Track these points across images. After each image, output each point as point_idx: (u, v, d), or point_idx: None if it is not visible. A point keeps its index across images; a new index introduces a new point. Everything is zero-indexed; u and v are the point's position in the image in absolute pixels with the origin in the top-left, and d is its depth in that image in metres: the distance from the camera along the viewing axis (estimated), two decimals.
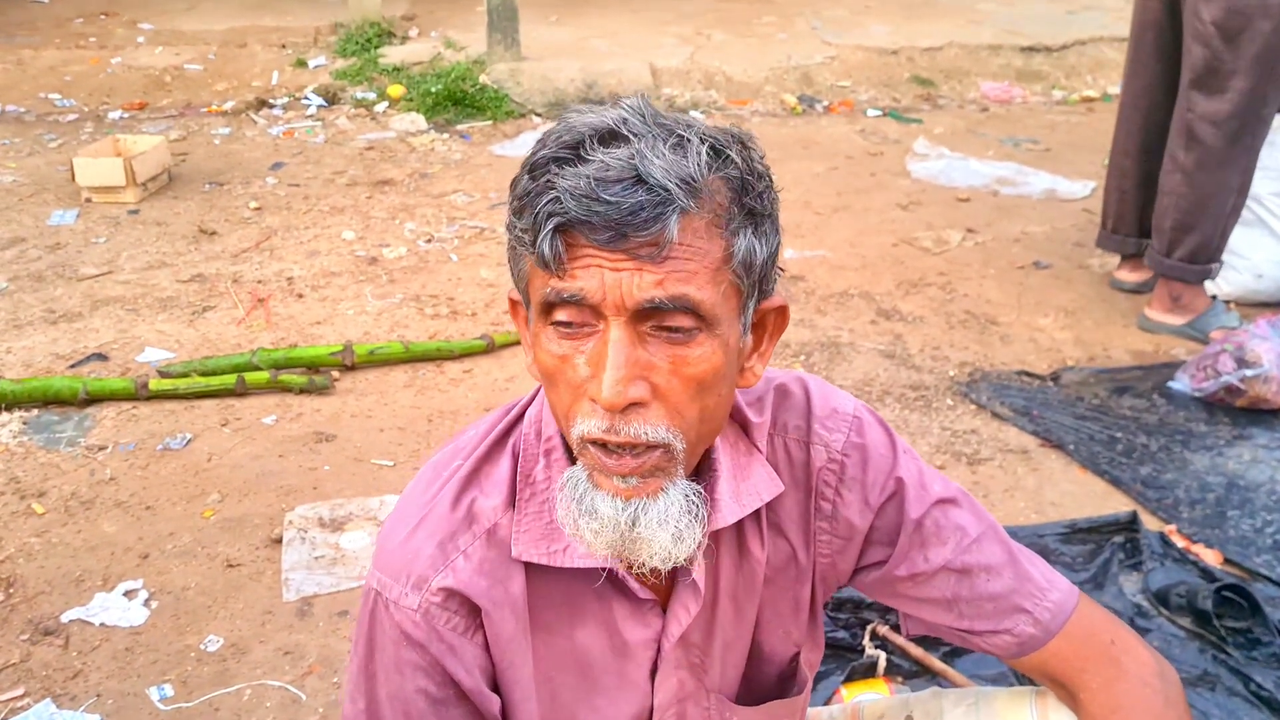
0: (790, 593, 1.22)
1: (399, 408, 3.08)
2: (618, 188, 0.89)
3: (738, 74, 6.15)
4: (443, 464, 1.16)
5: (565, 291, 0.93)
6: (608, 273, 0.91)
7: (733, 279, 0.96)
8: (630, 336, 0.94)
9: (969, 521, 1.20)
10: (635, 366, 0.94)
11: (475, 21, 6.42)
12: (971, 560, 1.18)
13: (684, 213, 0.91)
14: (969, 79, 6.32)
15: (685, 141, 0.93)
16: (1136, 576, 2.45)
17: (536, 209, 0.92)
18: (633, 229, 0.89)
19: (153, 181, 4.59)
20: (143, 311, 3.61)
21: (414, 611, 1.08)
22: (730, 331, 0.98)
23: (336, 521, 2.55)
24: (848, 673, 2.08)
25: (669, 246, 0.90)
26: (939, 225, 4.39)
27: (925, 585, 1.20)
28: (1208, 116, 3.26)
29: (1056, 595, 1.20)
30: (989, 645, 1.20)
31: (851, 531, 1.19)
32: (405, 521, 1.12)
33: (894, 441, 1.21)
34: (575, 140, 0.93)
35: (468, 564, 1.08)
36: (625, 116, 0.94)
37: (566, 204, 0.90)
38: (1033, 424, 3.03)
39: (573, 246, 0.92)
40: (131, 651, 2.21)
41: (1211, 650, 2.22)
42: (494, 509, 1.10)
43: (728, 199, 0.95)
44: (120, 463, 2.81)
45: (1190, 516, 2.67)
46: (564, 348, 0.96)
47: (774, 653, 1.26)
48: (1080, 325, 3.61)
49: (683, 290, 0.92)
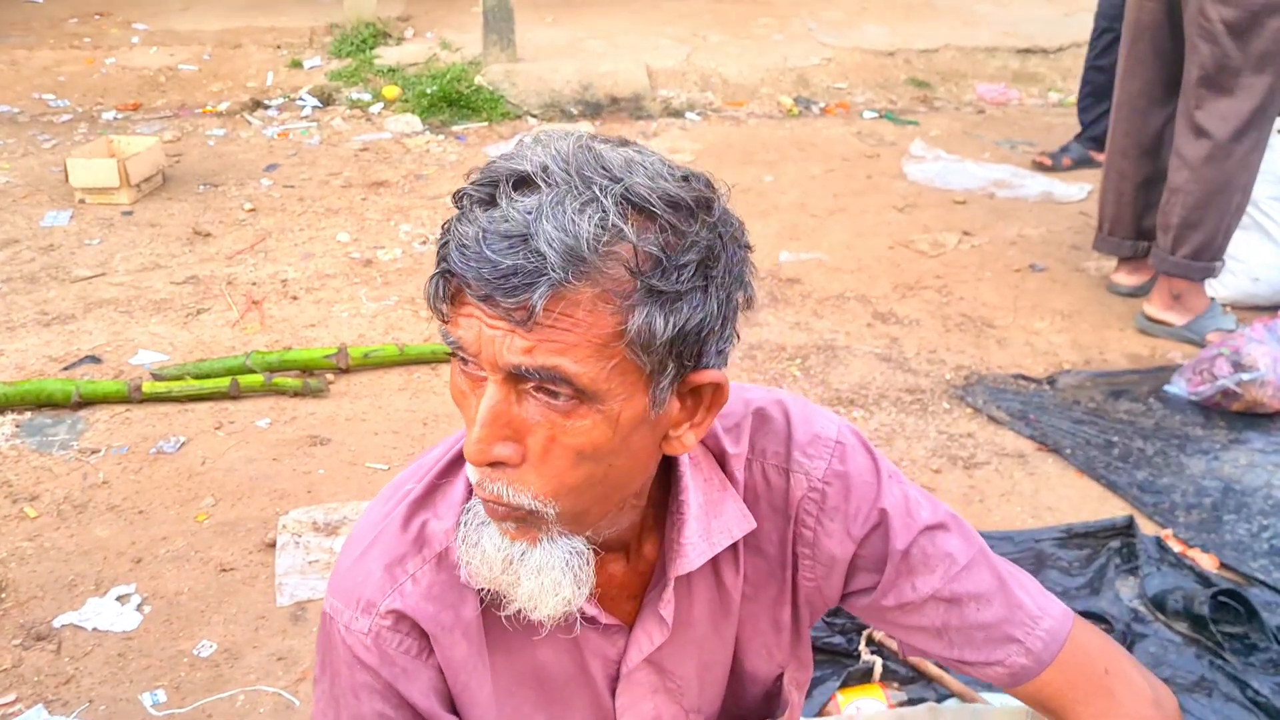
0: (770, 614, 1.20)
1: (394, 411, 3.07)
2: (502, 245, 0.84)
3: (734, 75, 6.14)
4: (400, 484, 1.14)
5: (450, 336, 0.91)
6: (485, 328, 0.87)
7: (628, 355, 0.88)
8: (506, 394, 0.90)
9: (958, 548, 1.16)
10: (505, 425, 0.91)
11: (471, 22, 6.41)
12: (960, 589, 1.15)
13: (558, 285, 0.83)
14: (965, 81, 6.32)
15: (593, 202, 0.85)
16: (1133, 581, 2.45)
17: (439, 249, 0.90)
18: (502, 293, 0.84)
19: (147, 183, 4.58)
20: (136, 314, 3.59)
21: (365, 635, 1.06)
22: (625, 406, 0.90)
23: (331, 526, 2.54)
24: (843, 678, 2.08)
25: (536, 316, 0.85)
26: (935, 228, 4.38)
27: (914, 614, 1.17)
28: (1216, 112, 3.27)
29: (1049, 623, 1.16)
30: (981, 675, 1.18)
31: (833, 560, 1.16)
32: (358, 543, 1.11)
33: (878, 467, 1.16)
34: (493, 180, 0.88)
35: (416, 588, 1.06)
36: (547, 164, 0.88)
37: (453, 255, 0.87)
38: (1029, 428, 3.02)
39: (459, 293, 0.89)
40: (124, 657, 2.19)
41: (1208, 656, 2.22)
42: (446, 532, 1.07)
43: (627, 273, 0.85)
44: (113, 466, 2.80)
45: (1186, 521, 2.67)
46: (464, 385, 0.95)
47: (756, 672, 1.24)
48: (1077, 328, 3.61)
49: (553, 362, 0.86)
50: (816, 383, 3.22)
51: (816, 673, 2.09)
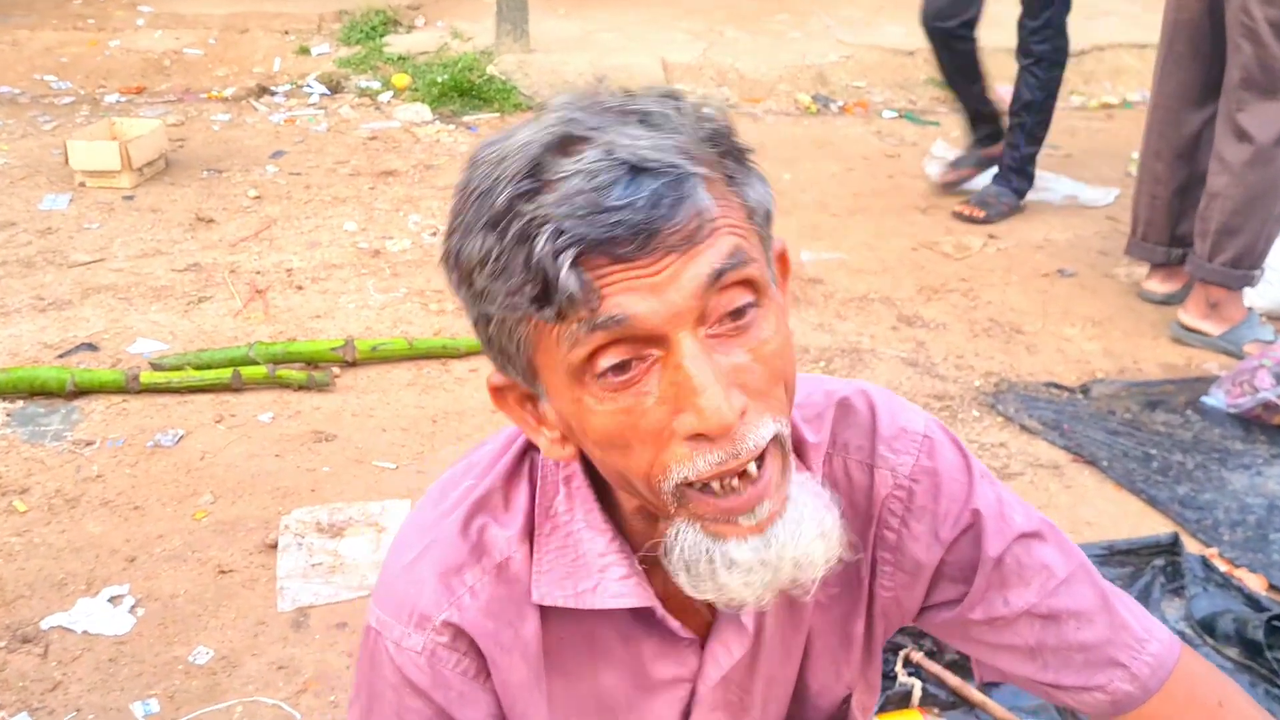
0: (842, 626, 1.09)
1: (402, 407, 2.94)
2: (619, 189, 0.74)
3: (751, 71, 6.02)
4: (452, 483, 1.02)
5: (612, 321, 0.77)
6: (651, 284, 0.76)
7: (759, 233, 0.84)
8: (704, 345, 0.79)
9: (1056, 559, 1.05)
10: (725, 374, 0.79)
11: (483, 12, 6.29)
12: (1059, 605, 1.04)
13: (702, 179, 0.78)
14: None
15: (649, 115, 0.79)
16: (1179, 602, 2.33)
17: (533, 255, 0.75)
18: (663, 221, 0.75)
19: (149, 167, 4.45)
20: (135, 301, 3.47)
21: (417, 654, 0.95)
22: (774, 292, 0.85)
23: (335, 526, 2.42)
24: (881, 703, 1.95)
25: (706, 220, 0.77)
26: (959, 230, 4.26)
27: (1005, 632, 1.05)
28: (1260, 115, 3.15)
29: (1156, 647, 1.05)
30: (1077, 702, 1.06)
31: (918, 567, 1.05)
32: (408, 548, 0.99)
33: (970, 465, 1.06)
34: (528, 165, 0.77)
35: (474, 602, 0.95)
36: (568, 115, 0.79)
37: (575, 230, 0.74)
38: (1063, 438, 2.90)
39: (596, 273, 0.76)
40: (115, 662, 2.07)
41: (1263, 684, 2.11)
42: (508, 540, 0.96)
43: (718, 155, 0.82)
44: (108, 459, 2.67)
45: (1231, 539, 2.54)
46: (623, 399, 0.80)
47: (822, 692, 1.13)
48: (1108, 336, 3.48)
49: (734, 243, 0.79)
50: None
51: None
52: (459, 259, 0.81)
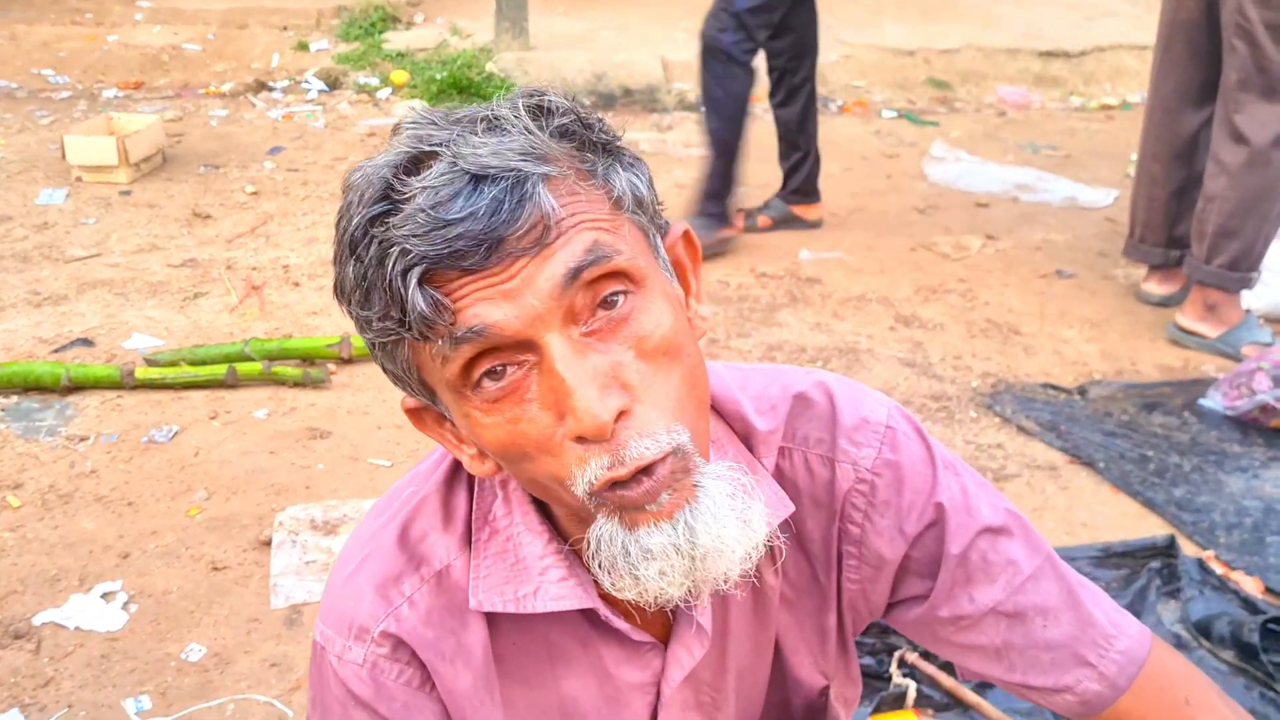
0: (814, 620, 1.08)
1: (397, 404, 2.91)
2: (460, 202, 0.74)
3: None
4: (395, 494, 1.02)
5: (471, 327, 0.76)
6: (503, 290, 0.76)
7: (631, 218, 0.83)
8: (573, 345, 0.78)
9: (1022, 554, 1.02)
10: (599, 373, 0.78)
11: (483, 9, 6.28)
12: (1025, 602, 1.01)
13: (546, 180, 0.77)
14: (986, 82, 6.19)
15: (497, 119, 0.79)
16: (1174, 605, 2.32)
17: (385, 280, 0.76)
18: (505, 228, 0.74)
19: (146, 162, 4.44)
20: (131, 296, 3.46)
21: (359, 667, 0.94)
22: (659, 280, 0.84)
23: (330, 524, 2.41)
24: (876, 704, 1.95)
25: (553, 220, 0.76)
26: (958, 230, 4.26)
27: (971, 630, 1.03)
28: (1256, 117, 3.14)
29: (1125, 643, 1.03)
30: (1048, 703, 1.05)
31: (882, 561, 1.03)
32: (349, 561, 0.98)
33: (934, 456, 1.02)
34: (380, 188, 0.77)
35: (413, 612, 0.94)
36: (418, 133, 0.79)
37: (417, 250, 0.74)
38: (1060, 440, 2.90)
39: (449, 289, 0.76)
40: (107, 659, 2.06)
41: (1258, 687, 2.09)
42: (448, 548, 0.95)
43: (573, 149, 0.81)
44: (102, 455, 2.67)
45: (1228, 542, 2.54)
46: (506, 409, 0.80)
47: (802, 683, 1.12)
48: (1106, 338, 3.48)
49: (590, 238, 0.78)
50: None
51: None
52: (339, 288, 0.83)
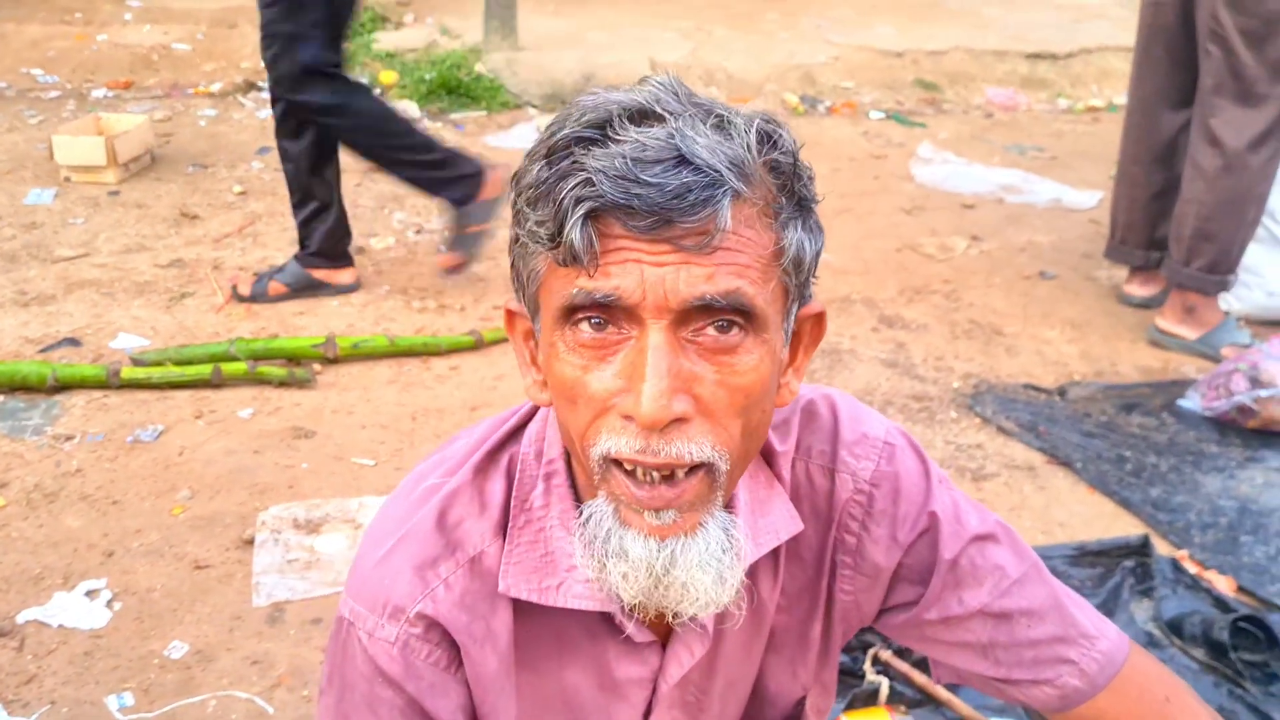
0: (801, 629, 1.11)
1: (382, 404, 2.95)
2: (658, 169, 0.77)
3: (739, 71, 6.03)
4: (424, 477, 1.04)
5: (598, 292, 0.80)
6: (648, 268, 0.79)
7: (782, 278, 0.85)
8: (672, 343, 0.81)
9: (1009, 561, 1.08)
10: (678, 377, 0.81)
11: (472, 9, 6.29)
12: (1011, 604, 1.06)
13: (736, 197, 0.79)
14: (974, 84, 6.23)
15: (727, 122, 0.81)
16: (1148, 604, 2.35)
17: (560, 195, 0.79)
18: (679, 214, 0.77)
19: (135, 162, 4.45)
20: (119, 296, 3.47)
21: (390, 645, 0.96)
22: (776, 338, 0.86)
23: (313, 523, 2.43)
24: (849, 700, 1.97)
25: (720, 235, 0.78)
26: (943, 231, 4.28)
27: (958, 630, 1.08)
28: (1232, 122, 3.16)
29: (1105, 644, 1.08)
30: (1027, 697, 1.09)
31: (877, 570, 1.07)
32: (382, 540, 1.00)
33: (928, 470, 1.08)
34: (601, 118, 0.80)
35: (448, 594, 0.96)
36: (658, 95, 0.81)
37: (600, 187, 0.77)
38: (1039, 440, 2.92)
39: (606, 238, 0.79)
40: (91, 656, 2.08)
41: (1227, 685, 2.12)
42: (481, 535, 0.98)
43: (776, 186, 0.84)
44: (88, 454, 2.68)
45: (1202, 541, 2.57)
46: (587, 358, 0.83)
47: (779, 694, 1.15)
48: (1087, 339, 3.51)
49: (735, 285, 0.80)
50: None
51: None
52: (518, 178, 0.85)
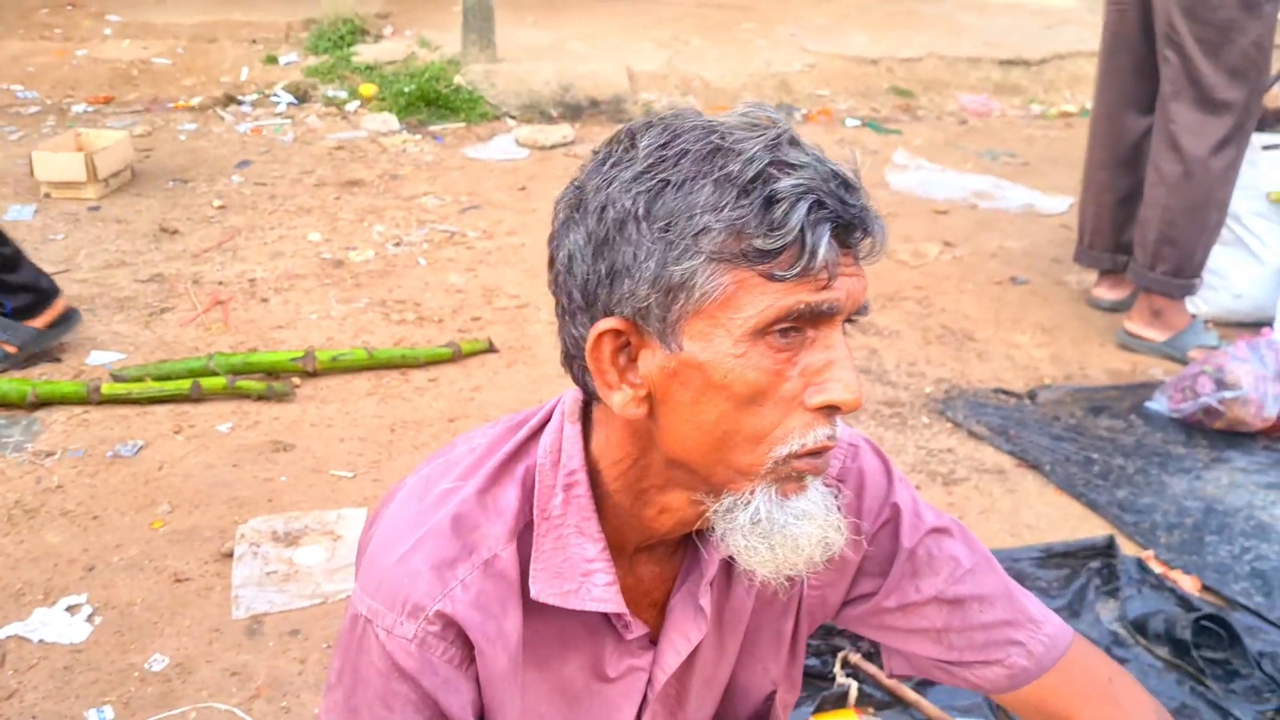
0: (773, 625, 1.17)
1: (361, 417, 2.99)
2: (846, 190, 0.86)
3: (716, 80, 6.09)
4: (437, 479, 1.07)
5: (824, 303, 0.85)
6: (848, 279, 0.87)
7: None
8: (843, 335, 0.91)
9: (962, 552, 1.16)
10: None
11: (450, 21, 6.34)
12: (964, 591, 1.14)
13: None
14: (948, 91, 6.29)
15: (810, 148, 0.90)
16: (1113, 604, 2.39)
17: (789, 216, 0.82)
18: (868, 228, 0.87)
19: (115, 178, 4.47)
20: (99, 311, 3.49)
21: (409, 641, 0.99)
22: None
23: (291, 535, 2.46)
24: (818, 703, 2.01)
25: (876, 250, 0.89)
26: (917, 238, 4.34)
27: (914, 616, 1.15)
28: (1191, 128, 3.22)
29: (1051, 628, 1.16)
30: (977, 678, 1.15)
31: (844, 563, 1.14)
32: (399, 541, 1.03)
33: (889, 469, 1.17)
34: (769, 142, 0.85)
35: (465, 595, 1.00)
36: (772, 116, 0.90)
37: (831, 206, 0.83)
38: (1009, 443, 2.97)
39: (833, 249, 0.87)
40: (71, 670, 2.10)
41: (1189, 682, 2.17)
42: (496, 539, 1.01)
43: None
44: (68, 470, 2.71)
45: (1168, 542, 2.62)
46: (779, 362, 0.88)
47: (749, 690, 1.20)
48: (1057, 343, 3.56)
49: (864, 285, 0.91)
50: None
51: None
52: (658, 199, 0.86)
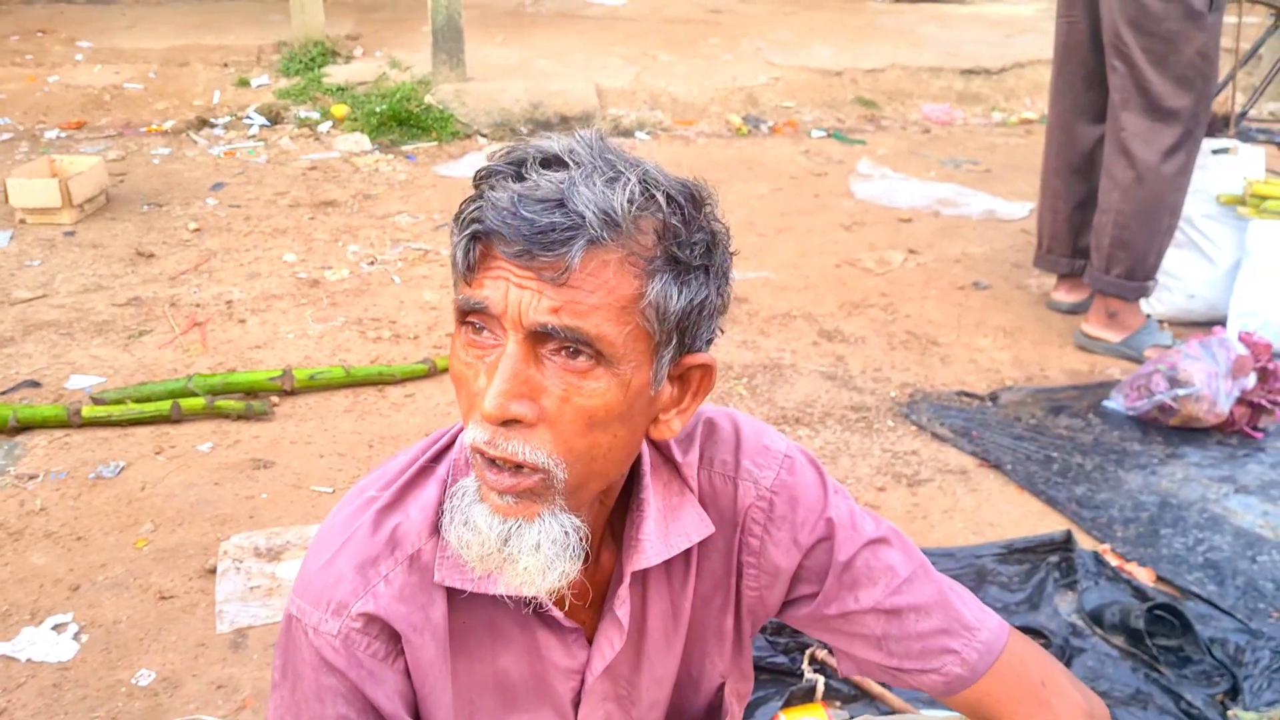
0: (715, 622, 1.23)
1: (339, 433, 3.04)
2: (538, 207, 0.91)
3: (683, 95, 6.18)
4: (366, 488, 1.15)
5: (472, 299, 0.95)
6: (513, 287, 0.92)
7: (641, 322, 0.95)
8: (525, 354, 0.94)
9: (899, 561, 1.20)
10: (523, 384, 0.94)
11: (420, 41, 6.41)
12: (901, 601, 1.18)
13: (593, 242, 0.91)
14: (911, 101, 6.41)
15: (620, 177, 0.94)
16: (1071, 596, 2.48)
17: (463, 216, 0.95)
18: (540, 247, 0.90)
19: (89, 203, 4.52)
20: (77, 336, 3.54)
21: (334, 637, 1.07)
22: (635, 374, 0.97)
23: (273, 550, 2.51)
24: (786, 698, 2.09)
25: (571, 274, 0.91)
26: (881, 246, 4.44)
27: (855, 624, 1.20)
28: (1141, 135, 3.33)
29: (986, 635, 1.20)
30: (917, 684, 1.21)
31: (778, 571, 1.19)
32: (326, 547, 1.11)
33: (825, 481, 1.21)
34: (520, 159, 0.95)
35: (388, 589, 1.07)
36: (573, 146, 0.96)
37: (486, 214, 0.92)
38: (971, 444, 3.06)
39: (486, 257, 0.94)
40: (59, 688, 2.15)
41: (1144, 669, 2.25)
42: (418, 534, 1.09)
43: (652, 241, 0.95)
44: (51, 492, 2.75)
45: (1124, 535, 2.71)
46: (470, 356, 0.98)
47: (700, 682, 1.26)
48: (1018, 345, 3.66)
49: (577, 324, 0.92)
50: (763, 401, 3.24)
51: (760, 692, 2.11)
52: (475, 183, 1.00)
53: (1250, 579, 2.54)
